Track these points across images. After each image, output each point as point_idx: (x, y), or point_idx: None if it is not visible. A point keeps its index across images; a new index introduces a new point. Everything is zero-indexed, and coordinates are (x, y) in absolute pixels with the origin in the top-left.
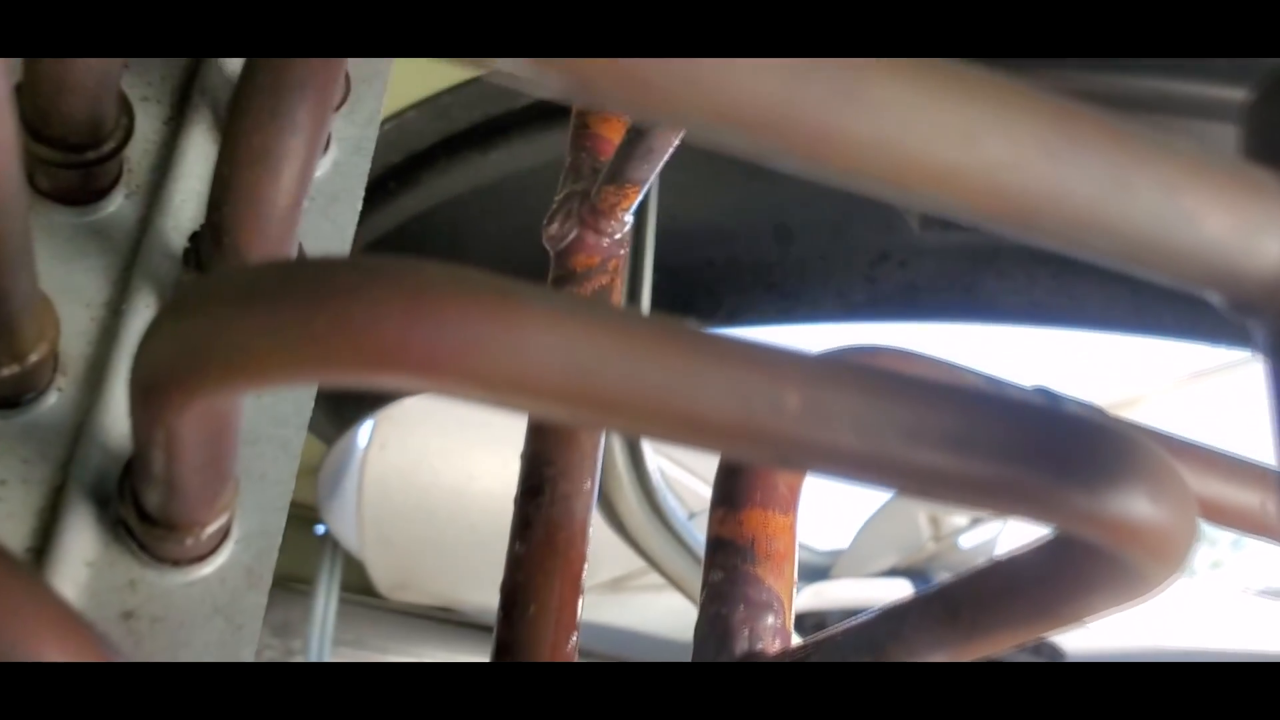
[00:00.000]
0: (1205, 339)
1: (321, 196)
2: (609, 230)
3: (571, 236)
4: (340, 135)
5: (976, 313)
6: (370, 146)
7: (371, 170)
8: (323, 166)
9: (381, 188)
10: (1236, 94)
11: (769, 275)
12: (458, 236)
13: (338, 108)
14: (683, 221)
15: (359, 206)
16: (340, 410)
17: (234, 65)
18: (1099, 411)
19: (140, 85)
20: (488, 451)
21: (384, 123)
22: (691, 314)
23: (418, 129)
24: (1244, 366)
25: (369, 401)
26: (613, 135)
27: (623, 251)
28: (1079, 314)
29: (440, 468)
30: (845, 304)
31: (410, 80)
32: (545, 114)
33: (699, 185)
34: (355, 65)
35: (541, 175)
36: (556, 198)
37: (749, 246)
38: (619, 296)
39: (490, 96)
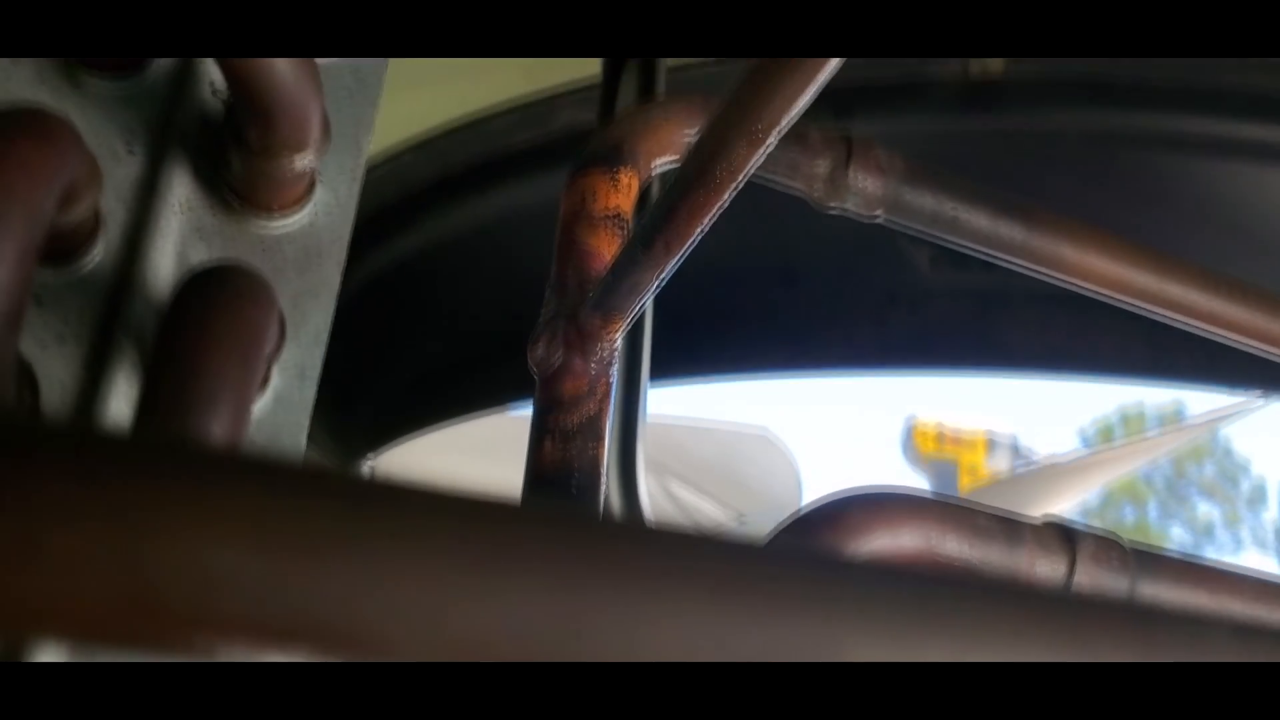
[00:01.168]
0: (1222, 385)
1: (261, 434)
2: (597, 354)
3: (558, 361)
4: (284, 361)
5: (989, 359)
6: (317, 367)
7: (367, 211)
8: (263, 401)
9: (378, 228)
10: None
11: (775, 319)
12: (456, 276)
13: (275, 351)
14: (685, 264)
15: (304, 438)
16: (342, 449)
17: (162, 290)
18: (1115, 541)
19: (56, 324)
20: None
21: (380, 164)
22: (697, 362)
23: (413, 170)
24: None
25: (371, 441)
26: (600, 247)
27: (613, 372)
28: (1094, 359)
29: None
30: (855, 350)
31: (405, 122)
32: (542, 155)
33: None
34: (295, 290)
35: (539, 216)
36: (542, 316)
37: (754, 289)
38: (607, 423)
39: (486, 138)
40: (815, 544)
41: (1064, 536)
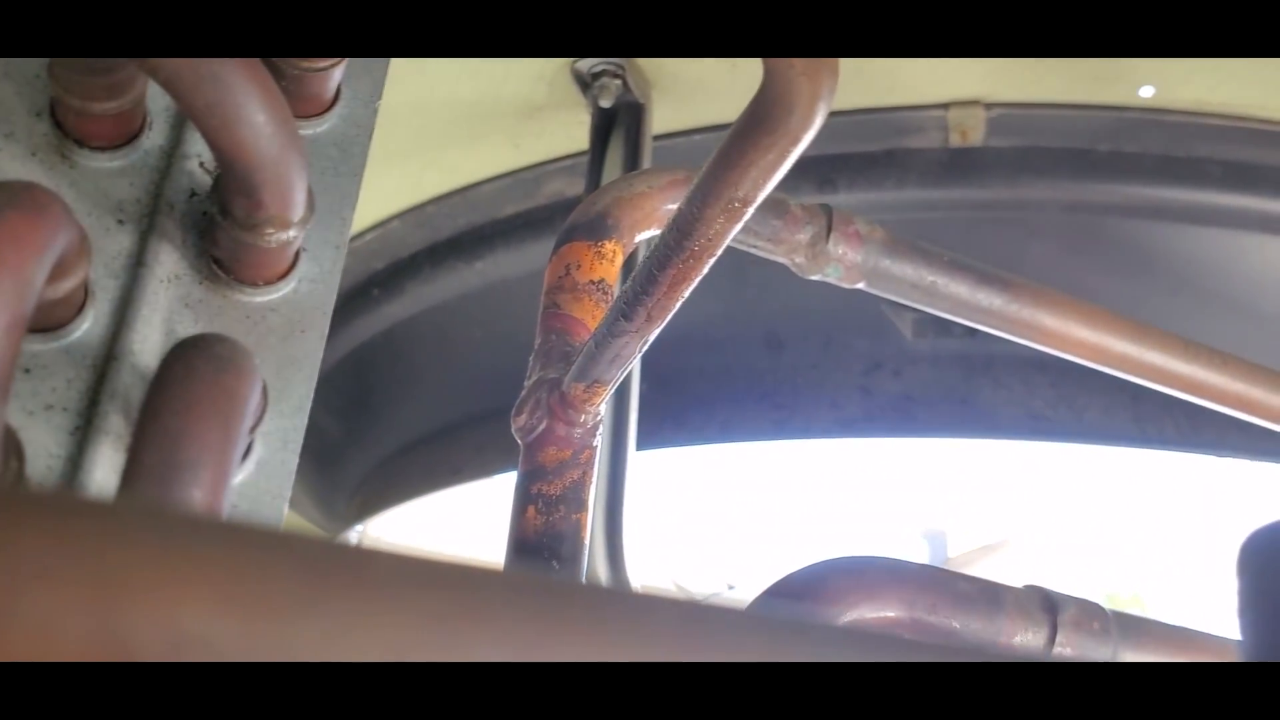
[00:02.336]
0: (1206, 450)
1: (245, 501)
2: (580, 422)
3: (541, 428)
4: (266, 430)
5: (973, 425)
6: (299, 435)
7: (356, 277)
8: (245, 470)
9: (365, 294)
10: None
11: (761, 385)
12: (444, 342)
13: (258, 420)
14: (671, 329)
15: (285, 505)
16: (329, 519)
17: (149, 360)
18: (1097, 607)
19: (44, 393)
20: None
21: (367, 231)
22: (684, 429)
23: (401, 237)
24: None
25: (359, 510)
26: (584, 315)
27: (596, 441)
28: (1078, 425)
29: None
30: (840, 416)
31: (395, 194)
32: (530, 223)
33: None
34: (278, 359)
35: (527, 283)
36: (526, 384)
37: (740, 355)
38: (591, 491)
39: (474, 206)
40: (795, 610)
41: (1045, 602)
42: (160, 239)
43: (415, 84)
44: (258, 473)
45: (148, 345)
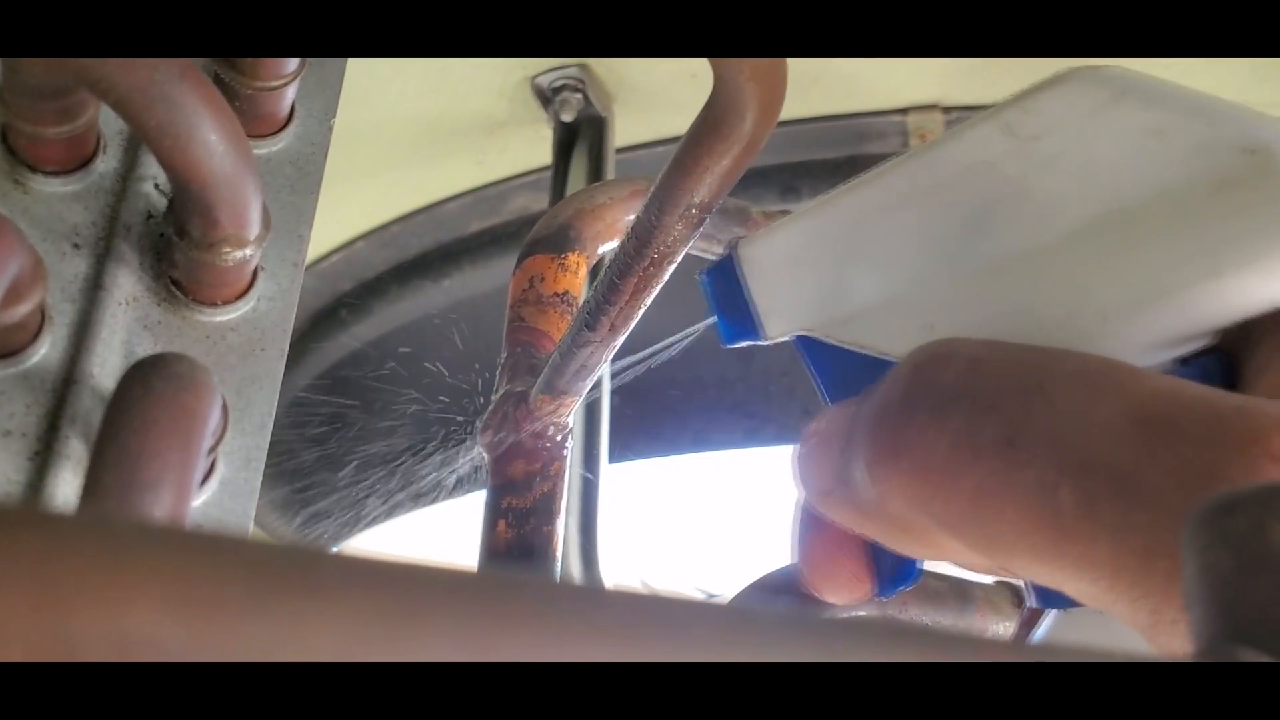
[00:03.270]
0: None
1: (208, 521)
2: (548, 434)
3: (509, 442)
4: (228, 449)
5: None
6: (262, 454)
7: (323, 299)
8: (208, 490)
9: (333, 316)
10: None
11: (733, 394)
12: (412, 362)
13: (219, 439)
14: (642, 341)
15: (250, 524)
16: (308, 536)
17: (109, 383)
18: None
19: (1, 418)
20: None
21: (333, 253)
22: (657, 440)
23: (366, 258)
24: None
25: (332, 534)
26: (549, 328)
27: (566, 452)
28: None
29: None
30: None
31: (359, 214)
32: (496, 240)
33: (656, 301)
34: (239, 378)
35: (495, 299)
36: (493, 396)
37: (711, 365)
38: (561, 504)
39: (439, 224)
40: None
41: (1014, 597)
42: (117, 262)
43: (376, 104)
44: (221, 492)
45: (107, 368)
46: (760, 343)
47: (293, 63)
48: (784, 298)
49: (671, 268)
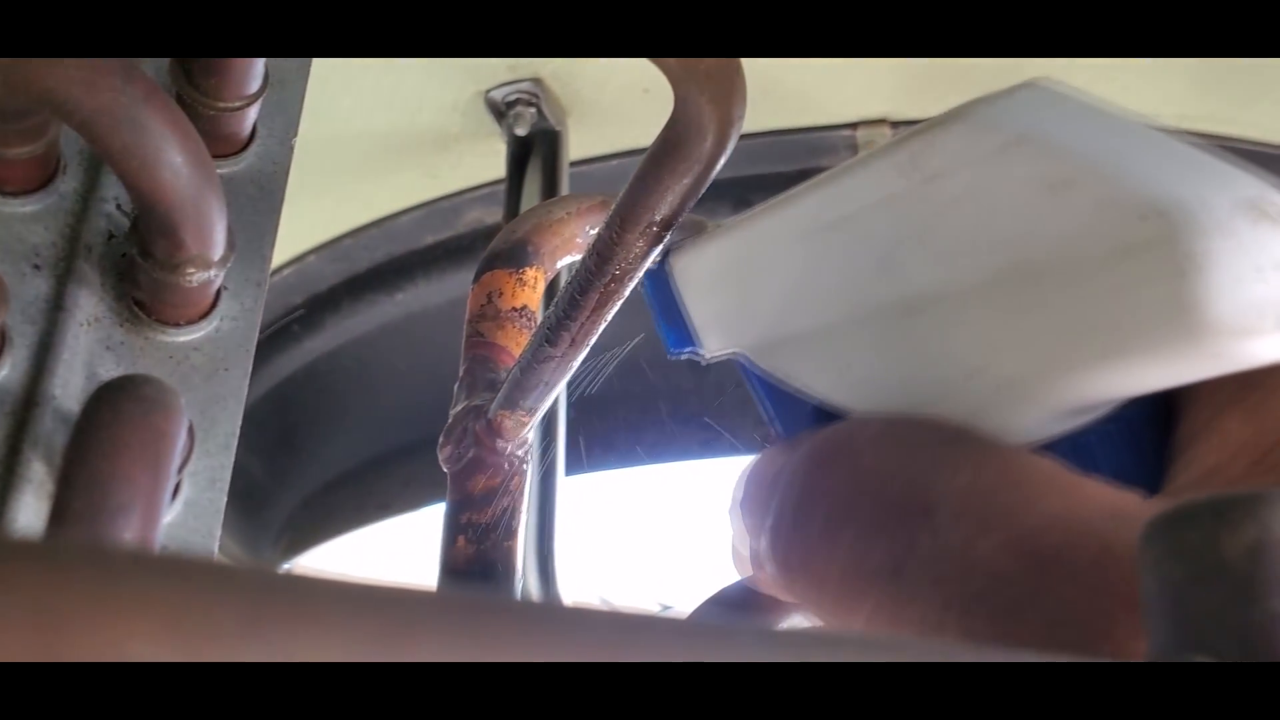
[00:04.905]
0: None
1: (173, 542)
2: (507, 450)
3: (468, 457)
4: (193, 469)
5: None
6: (226, 475)
7: (274, 313)
8: (173, 511)
9: (285, 331)
10: None
11: (687, 406)
12: (367, 375)
13: (185, 460)
14: (597, 353)
15: (215, 545)
16: (258, 554)
17: (71, 404)
18: None
19: None
20: None
21: (284, 267)
22: (612, 452)
23: (319, 272)
24: None
25: (285, 549)
26: (508, 343)
27: (526, 468)
28: None
29: None
30: (767, 434)
31: (310, 230)
32: (450, 253)
33: (616, 316)
34: (203, 398)
35: (449, 312)
36: (452, 414)
37: (665, 377)
38: (521, 520)
39: (392, 237)
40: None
41: None
42: (79, 283)
43: (329, 117)
44: (186, 513)
45: (69, 390)
46: (702, 356)
47: (255, 83)
48: (715, 314)
49: (632, 284)
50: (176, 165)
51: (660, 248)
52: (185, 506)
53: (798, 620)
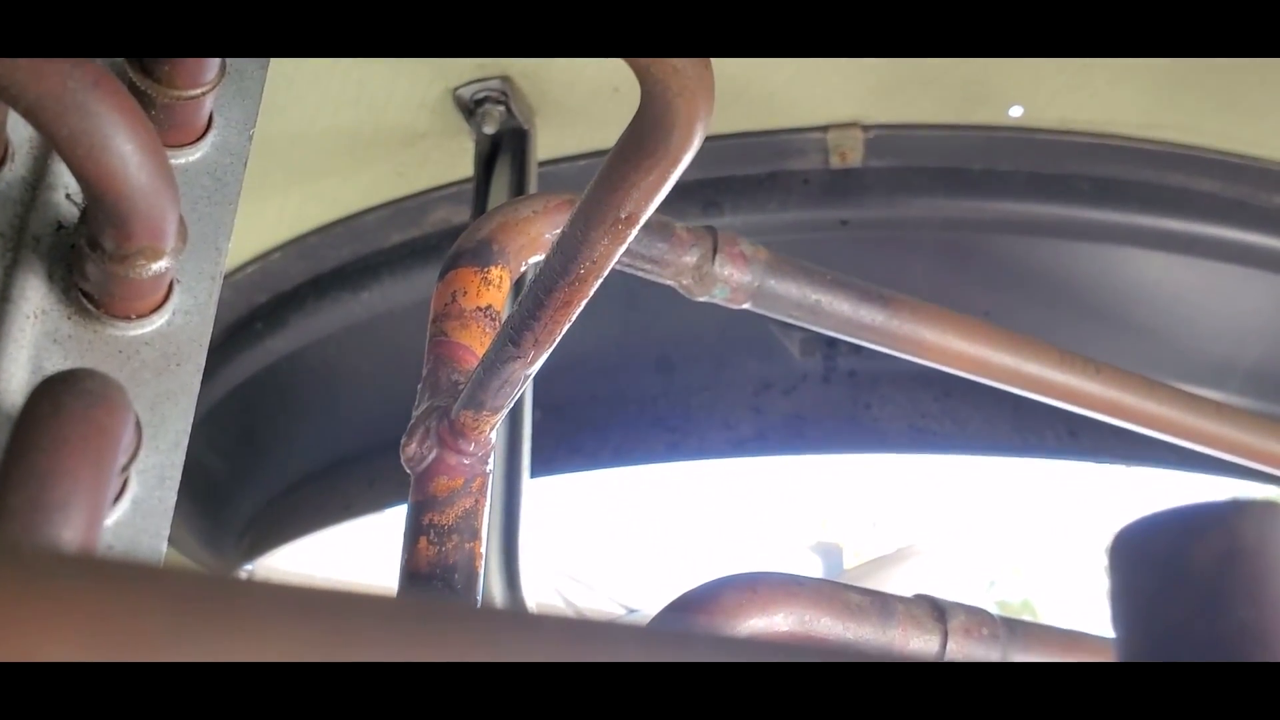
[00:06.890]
0: (1084, 457)
1: (120, 540)
2: (470, 450)
3: (431, 458)
4: (142, 467)
5: (862, 440)
6: (177, 473)
7: (238, 311)
8: (120, 509)
9: (248, 328)
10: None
11: (654, 409)
12: (331, 374)
13: (132, 457)
14: (564, 355)
15: (164, 544)
16: (217, 559)
17: (15, 399)
18: (985, 613)
19: None
20: None
21: (248, 264)
22: (579, 454)
23: (283, 269)
24: None
25: (247, 549)
26: (472, 342)
27: (488, 468)
28: (962, 437)
29: None
30: (733, 437)
31: (275, 225)
32: (416, 252)
33: (579, 317)
34: (153, 394)
35: (414, 312)
36: (414, 413)
37: (632, 379)
38: (484, 519)
39: (358, 235)
40: (692, 626)
41: (935, 611)
42: (25, 273)
43: (295, 114)
44: (134, 511)
45: (14, 384)
46: None
47: (211, 70)
48: None
49: (598, 283)
50: (126, 153)
51: (624, 247)
52: (133, 505)
53: (750, 629)
